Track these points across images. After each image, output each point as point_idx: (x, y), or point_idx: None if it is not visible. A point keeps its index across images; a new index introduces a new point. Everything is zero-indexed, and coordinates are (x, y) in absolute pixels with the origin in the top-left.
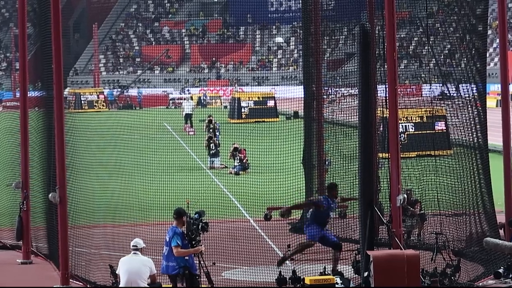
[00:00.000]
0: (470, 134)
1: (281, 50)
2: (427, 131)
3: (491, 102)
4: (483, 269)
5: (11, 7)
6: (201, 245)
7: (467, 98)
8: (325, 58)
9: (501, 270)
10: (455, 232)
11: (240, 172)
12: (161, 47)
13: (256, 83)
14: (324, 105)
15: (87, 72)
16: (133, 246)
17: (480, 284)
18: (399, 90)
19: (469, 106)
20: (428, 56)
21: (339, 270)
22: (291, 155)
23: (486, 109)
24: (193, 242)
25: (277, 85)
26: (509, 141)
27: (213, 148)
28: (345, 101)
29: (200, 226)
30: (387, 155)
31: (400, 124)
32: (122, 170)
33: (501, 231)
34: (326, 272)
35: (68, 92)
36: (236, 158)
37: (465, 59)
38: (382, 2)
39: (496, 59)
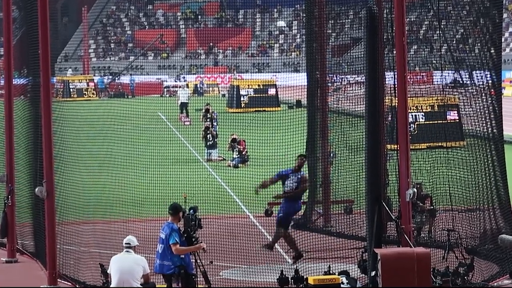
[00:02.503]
0: (484, 124)
1: (282, 35)
2: (439, 121)
3: (507, 90)
4: (498, 268)
5: None
6: (201, 242)
7: (481, 86)
8: (330, 43)
9: None
10: (468, 229)
11: (239, 164)
12: (155, 32)
13: (256, 70)
14: (329, 94)
15: (76, 58)
16: (125, 244)
17: (495, 284)
18: (408, 77)
19: (483, 94)
20: (440, 41)
21: (345, 269)
22: (293, 147)
23: (501, 97)
24: (193, 240)
25: (279, 72)
26: None
27: (210, 139)
28: (351, 89)
29: (197, 222)
30: (395, 146)
31: (410, 114)
32: (113, 163)
33: None
34: (331, 272)
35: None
36: (234, 149)
37: (479, 44)
38: None
39: None
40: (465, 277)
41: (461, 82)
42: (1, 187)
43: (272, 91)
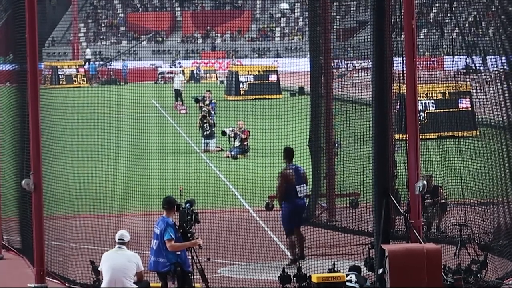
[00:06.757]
0: (498, 112)
1: (284, 18)
2: (450, 109)
3: None
4: None
5: None
6: (198, 238)
7: (495, 72)
8: (335, 26)
9: None
10: (481, 224)
11: (238, 155)
12: (148, 15)
13: (256, 55)
14: (334, 80)
15: (65, 42)
16: (118, 239)
17: (510, 282)
18: (418, 63)
19: (498, 80)
20: (451, 24)
21: (357, 265)
22: (296, 137)
23: None
24: (189, 235)
25: (280, 57)
26: None
27: (208, 128)
28: (357, 75)
29: (193, 217)
30: (404, 136)
31: (419, 102)
32: (105, 154)
33: None
34: (336, 269)
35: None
36: (237, 138)
37: (493, 27)
38: None
39: None
40: (478, 275)
41: (474, 68)
42: None
43: (273, 78)
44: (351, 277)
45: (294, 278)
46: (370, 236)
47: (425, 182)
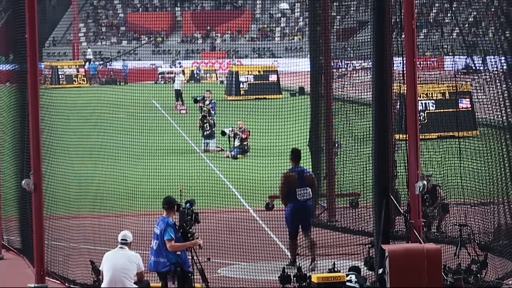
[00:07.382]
0: (498, 112)
1: (284, 18)
2: (450, 109)
3: None
4: None
5: None
6: (198, 238)
7: (495, 72)
8: (335, 26)
9: None
10: (481, 224)
11: (238, 155)
12: (148, 15)
13: (257, 55)
14: (334, 80)
15: (65, 42)
16: (121, 239)
17: (510, 282)
18: (418, 63)
19: (498, 80)
20: (451, 24)
21: (356, 265)
22: (296, 137)
23: None
24: (189, 235)
25: (280, 57)
26: None
27: (208, 128)
28: (357, 75)
29: (193, 217)
30: (404, 136)
31: (420, 102)
32: (105, 153)
33: None
34: (336, 269)
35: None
36: (237, 137)
37: (493, 27)
38: None
39: None
40: (478, 275)
41: (474, 68)
42: None
43: (273, 78)
44: (351, 277)
45: (294, 278)
46: (370, 236)
47: (425, 182)
